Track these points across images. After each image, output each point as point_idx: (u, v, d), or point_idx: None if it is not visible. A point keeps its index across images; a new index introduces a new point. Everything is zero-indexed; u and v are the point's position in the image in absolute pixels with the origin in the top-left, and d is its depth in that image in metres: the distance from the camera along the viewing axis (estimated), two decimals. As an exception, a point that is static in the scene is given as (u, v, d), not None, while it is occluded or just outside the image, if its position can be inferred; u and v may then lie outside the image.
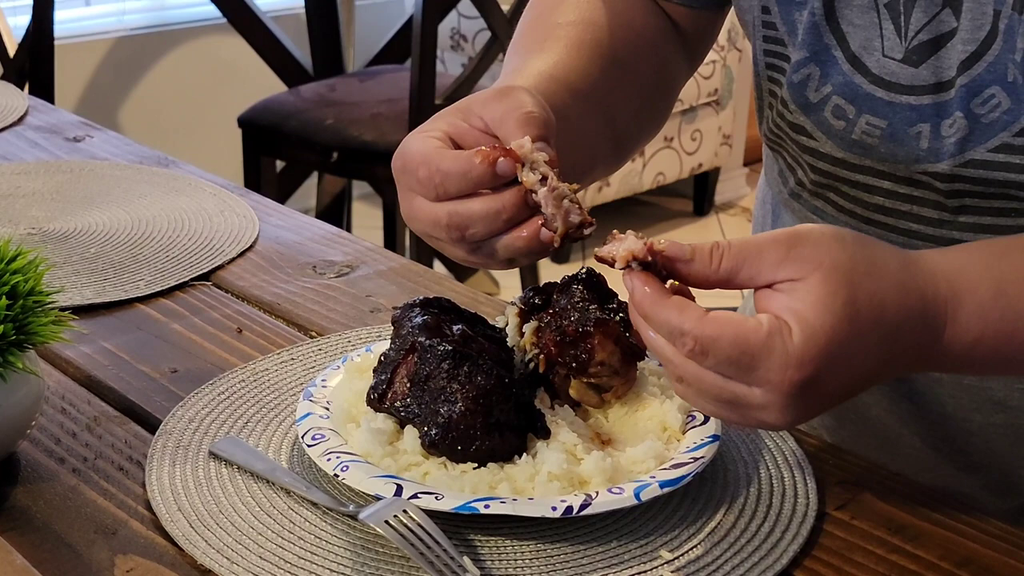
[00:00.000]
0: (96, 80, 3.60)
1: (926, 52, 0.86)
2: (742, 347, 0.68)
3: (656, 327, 0.71)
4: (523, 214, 0.79)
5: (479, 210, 0.79)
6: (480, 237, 0.80)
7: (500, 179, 0.79)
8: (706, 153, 4.00)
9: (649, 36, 1.04)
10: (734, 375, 0.69)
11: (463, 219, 0.79)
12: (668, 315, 0.70)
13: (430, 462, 0.79)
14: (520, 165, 0.78)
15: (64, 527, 0.78)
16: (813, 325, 0.68)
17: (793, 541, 0.77)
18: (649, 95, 1.05)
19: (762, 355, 0.68)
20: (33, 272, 0.82)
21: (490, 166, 0.78)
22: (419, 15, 2.60)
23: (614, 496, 0.76)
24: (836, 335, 0.68)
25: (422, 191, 0.80)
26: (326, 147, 2.75)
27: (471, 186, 0.79)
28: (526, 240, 0.80)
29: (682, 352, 0.70)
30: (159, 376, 0.97)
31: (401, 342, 0.83)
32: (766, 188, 1.10)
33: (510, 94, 0.83)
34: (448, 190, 0.79)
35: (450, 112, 0.84)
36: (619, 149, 1.05)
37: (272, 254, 1.20)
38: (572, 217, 0.79)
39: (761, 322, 0.69)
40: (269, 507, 0.80)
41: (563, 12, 1.01)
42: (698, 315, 0.69)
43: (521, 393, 0.81)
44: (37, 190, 1.33)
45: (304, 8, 3.36)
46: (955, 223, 0.91)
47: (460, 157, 0.79)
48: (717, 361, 0.69)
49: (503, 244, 0.80)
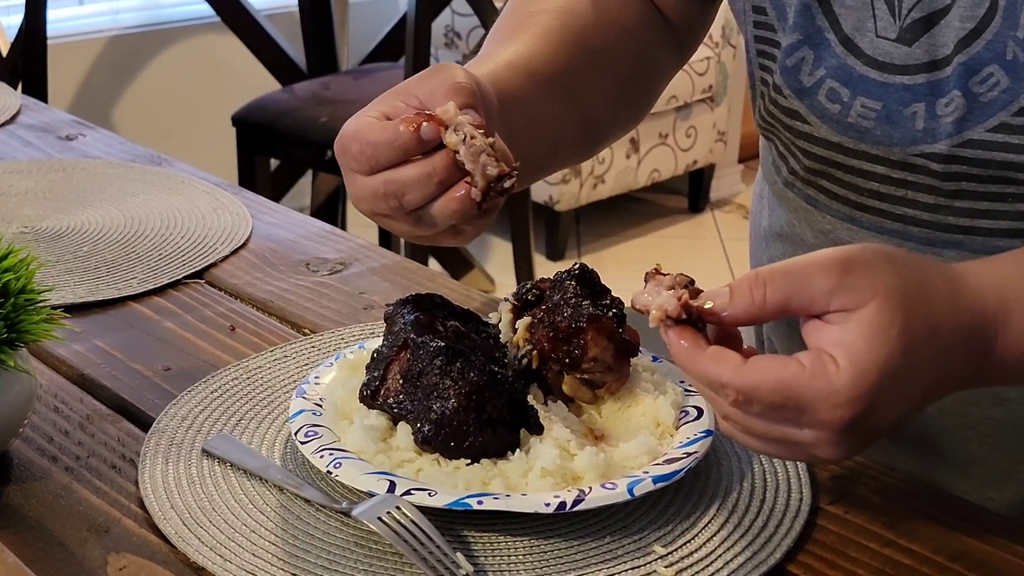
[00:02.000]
0: (89, 79, 3.59)
1: (919, 30, 0.86)
2: (785, 393, 0.66)
3: (696, 380, 0.70)
4: (454, 176, 0.81)
5: (411, 175, 0.81)
6: (416, 203, 0.82)
7: (426, 144, 0.81)
8: (701, 150, 4.00)
9: (629, 25, 1.04)
10: (781, 420, 0.68)
11: (397, 186, 0.82)
12: (705, 368, 0.68)
13: (423, 458, 0.79)
14: (444, 128, 0.80)
15: (57, 525, 0.78)
16: (866, 360, 0.66)
17: (787, 536, 0.77)
18: (626, 84, 1.06)
19: (807, 398, 0.66)
20: (25, 270, 0.81)
21: (415, 131, 0.81)
22: (413, 13, 2.60)
23: (607, 491, 0.76)
24: (889, 368, 0.66)
25: (357, 167, 0.83)
26: (320, 145, 2.75)
27: (400, 153, 0.81)
28: (459, 201, 0.81)
29: (727, 403, 0.68)
30: (152, 374, 0.96)
31: (394, 339, 0.83)
32: (762, 181, 1.10)
33: (442, 70, 0.85)
34: (380, 160, 0.82)
35: (388, 95, 0.86)
36: (589, 136, 1.05)
37: (265, 252, 1.20)
38: (489, 170, 0.80)
39: (803, 364, 0.66)
40: (262, 504, 0.80)
41: (537, 1, 1.02)
42: (735, 365, 0.67)
43: (514, 389, 0.81)
44: (30, 189, 1.32)
45: (298, 6, 3.36)
46: (951, 208, 0.90)
47: (387, 127, 0.82)
48: (762, 408, 0.67)
49: (438, 208, 0.82)
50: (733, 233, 3.96)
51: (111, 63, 3.62)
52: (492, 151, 0.80)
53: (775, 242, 1.06)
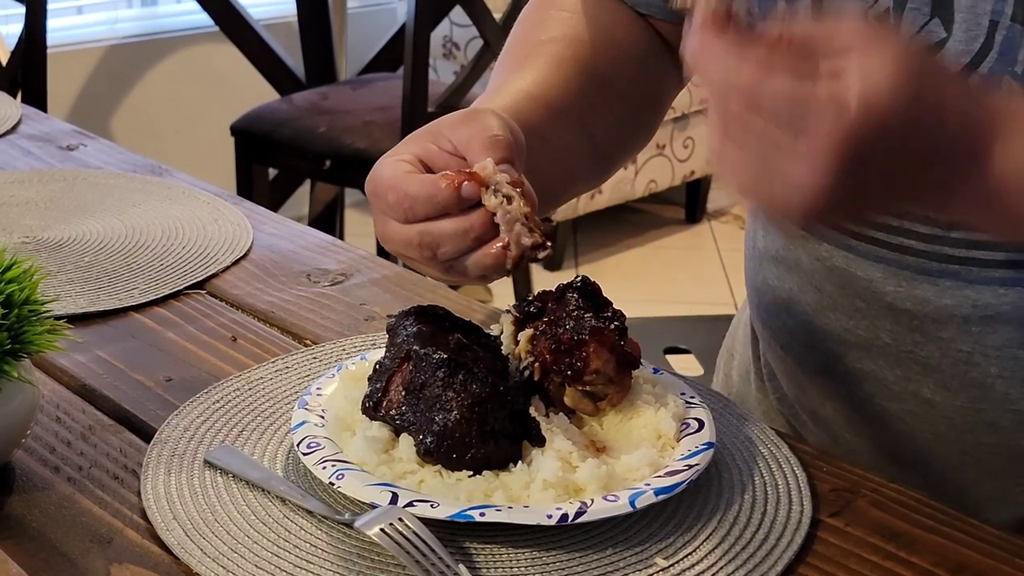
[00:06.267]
0: (89, 89, 3.60)
1: None
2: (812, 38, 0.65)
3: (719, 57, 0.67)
4: (491, 233, 0.82)
5: (448, 230, 0.81)
6: (450, 256, 0.82)
7: (465, 202, 0.81)
8: (698, 160, 4.00)
9: (634, 51, 1.05)
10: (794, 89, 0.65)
11: (433, 239, 0.82)
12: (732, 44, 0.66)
13: (425, 470, 0.79)
14: (484, 188, 0.81)
15: (59, 536, 0.78)
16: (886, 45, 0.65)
17: (787, 548, 0.78)
18: (633, 109, 1.06)
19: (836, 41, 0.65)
20: (28, 281, 0.82)
21: (455, 190, 0.80)
22: (411, 23, 2.60)
23: (609, 504, 0.77)
24: (899, 92, 0.65)
25: (392, 215, 0.83)
26: (318, 155, 2.75)
27: (438, 209, 0.81)
28: (494, 257, 0.82)
29: (745, 73, 0.66)
30: (154, 385, 0.97)
31: (396, 350, 0.84)
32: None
33: (477, 117, 0.85)
34: (417, 213, 0.82)
35: (420, 135, 0.86)
36: (600, 162, 1.06)
37: (266, 262, 1.20)
38: (524, 240, 0.81)
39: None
40: (264, 515, 0.80)
41: (547, 29, 1.03)
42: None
43: (516, 401, 0.81)
44: (31, 199, 1.33)
45: (296, 16, 3.37)
46: (947, 238, 0.90)
47: (426, 181, 0.81)
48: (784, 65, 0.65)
49: (473, 261, 0.82)
50: (730, 244, 3.97)
51: (110, 73, 3.62)
52: (527, 220, 0.81)
53: (770, 264, 1.05)
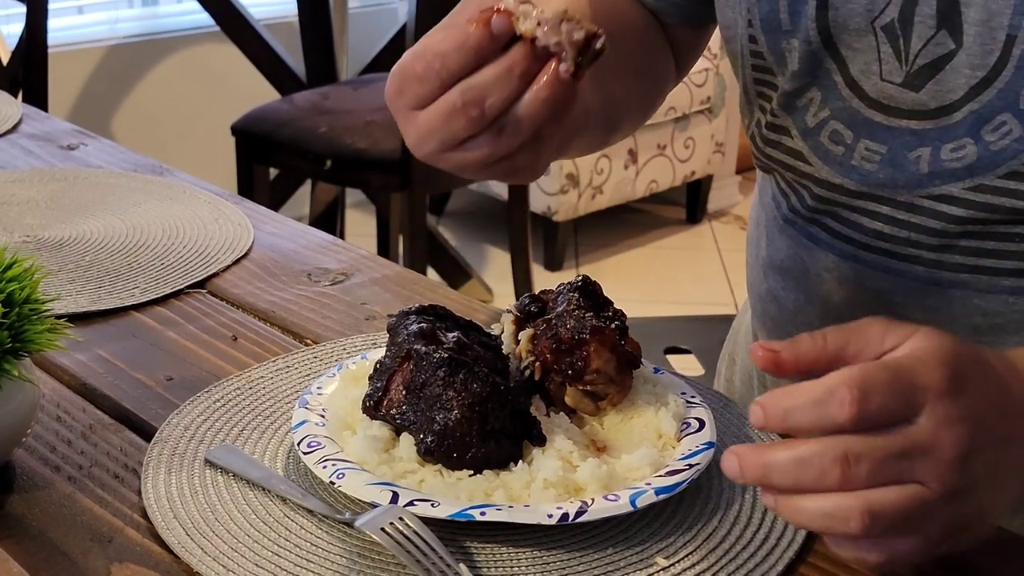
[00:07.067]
0: (89, 88, 3.60)
1: (926, 76, 0.86)
2: (893, 368, 0.64)
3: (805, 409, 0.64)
4: (535, 67, 0.76)
5: (491, 75, 0.75)
6: (500, 107, 0.76)
7: (498, 40, 0.76)
8: (699, 161, 4.00)
9: (639, 23, 1.05)
10: (898, 405, 0.64)
11: (477, 91, 0.75)
12: (812, 387, 0.64)
13: (426, 469, 0.79)
14: (514, 18, 0.76)
15: (60, 535, 0.78)
16: (935, 344, 0.65)
17: (788, 547, 0.78)
18: (638, 74, 1.05)
19: (907, 366, 0.64)
20: (29, 280, 0.82)
21: (485, 27, 0.75)
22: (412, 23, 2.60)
23: (610, 503, 0.77)
24: (959, 354, 0.65)
25: (425, 89, 0.77)
26: (319, 155, 2.76)
27: (473, 56, 0.76)
28: (549, 85, 0.75)
29: (843, 414, 0.63)
30: (154, 384, 0.97)
31: (397, 349, 0.84)
32: (759, 208, 1.10)
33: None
34: (451, 70, 0.75)
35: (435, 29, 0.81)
36: (608, 117, 1.02)
37: (267, 262, 1.20)
38: (576, 35, 0.75)
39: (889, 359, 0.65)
40: (265, 515, 0.80)
41: None
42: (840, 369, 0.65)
43: (517, 400, 0.81)
44: (31, 198, 1.33)
45: (297, 16, 3.37)
46: (956, 247, 0.90)
47: (452, 33, 0.76)
48: (881, 396, 0.63)
49: (527, 103, 0.76)
50: (731, 244, 3.97)
51: (111, 72, 3.63)
52: (570, 16, 0.75)
53: (774, 274, 1.05)
